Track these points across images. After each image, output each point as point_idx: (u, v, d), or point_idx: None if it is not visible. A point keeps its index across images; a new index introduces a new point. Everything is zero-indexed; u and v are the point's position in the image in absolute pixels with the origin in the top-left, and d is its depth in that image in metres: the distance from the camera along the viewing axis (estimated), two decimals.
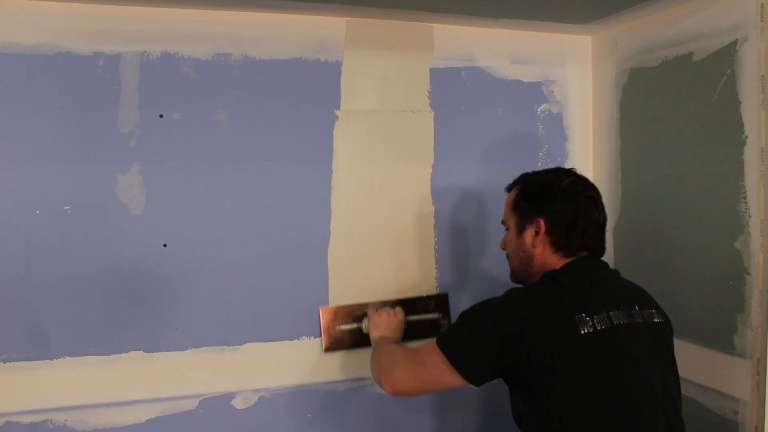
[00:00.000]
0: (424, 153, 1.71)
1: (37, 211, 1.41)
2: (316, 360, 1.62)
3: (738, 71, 1.36)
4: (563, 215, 1.26)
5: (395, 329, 1.55)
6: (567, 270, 1.25)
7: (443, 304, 1.72)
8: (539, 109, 1.82)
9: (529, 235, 1.30)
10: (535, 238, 1.29)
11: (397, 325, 1.56)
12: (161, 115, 1.49)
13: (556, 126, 1.84)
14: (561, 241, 1.27)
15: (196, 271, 1.52)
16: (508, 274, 1.40)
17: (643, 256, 1.68)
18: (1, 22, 1.38)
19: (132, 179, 1.47)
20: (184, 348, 1.51)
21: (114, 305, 1.46)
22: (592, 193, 1.31)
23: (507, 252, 1.39)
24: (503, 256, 1.42)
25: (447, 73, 1.73)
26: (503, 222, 1.41)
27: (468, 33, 1.73)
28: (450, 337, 1.23)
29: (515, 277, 1.38)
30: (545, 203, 1.28)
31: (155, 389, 1.49)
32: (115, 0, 1.43)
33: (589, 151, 1.88)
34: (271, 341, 1.58)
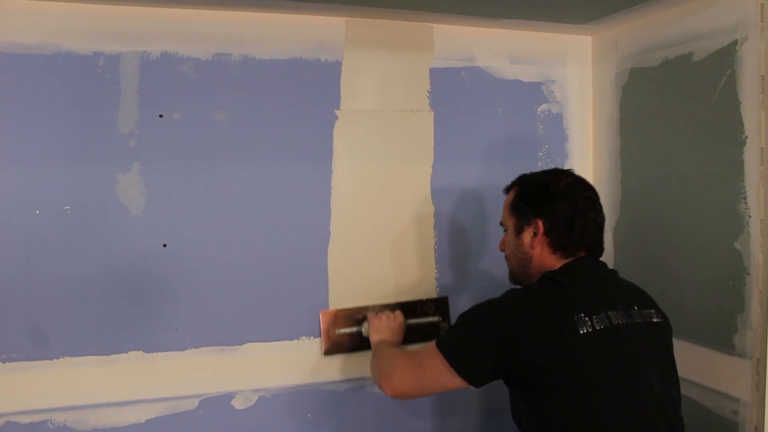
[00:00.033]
0: (424, 153, 1.71)
1: (37, 211, 1.41)
2: (316, 360, 1.62)
3: (738, 71, 1.36)
4: (561, 216, 1.27)
5: (395, 332, 1.55)
6: (565, 270, 1.25)
7: (443, 307, 1.72)
8: (539, 109, 1.82)
9: (527, 236, 1.31)
10: (534, 239, 1.29)
11: (397, 329, 1.56)
12: (161, 115, 1.49)
13: (556, 126, 1.84)
14: (559, 241, 1.27)
15: (196, 271, 1.52)
16: (507, 274, 1.41)
17: (643, 256, 1.68)
18: (1, 22, 1.38)
19: (132, 179, 1.47)
20: (183, 348, 1.51)
21: (114, 305, 1.46)
22: (589, 193, 1.31)
23: (506, 253, 1.39)
24: (503, 257, 1.42)
25: (447, 73, 1.72)
26: (502, 223, 1.41)
27: (468, 33, 1.73)
28: (449, 338, 1.23)
29: (514, 278, 1.38)
30: (543, 204, 1.29)
31: (155, 389, 1.50)
32: (115, 0, 1.43)
33: (589, 151, 1.87)
34: (271, 341, 1.58)
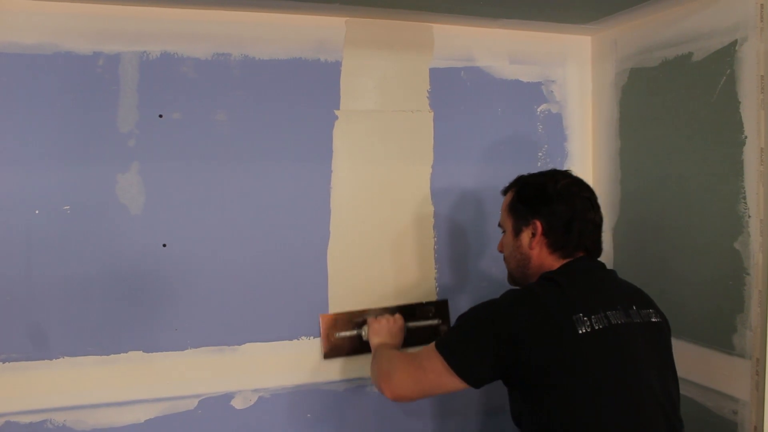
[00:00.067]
0: (423, 153, 1.71)
1: (36, 211, 1.41)
2: (316, 360, 1.62)
3: (738, 71, 1.36)
4: (559, 216, 1.27)
5: (395, 336, 1.55)
6: (564, 271, 1.25)
7: (443, 310, 1.72)
8: (539, 110, 1.82)
9: (525, 237, 1.31)
10: (532, 239, 1.29)
11: (397, 332, 1.56)
12: (161, 115, 1.49)
13: (556, 126, 1.84)
14: (558, 242, 1.28)
15: (195, 271, 1.52)
16: (506, 275, 1.41)
17: (642, 256, 1.68)
18: (1, 22, 1.38)
19: (131, 179, 1.47)
20: (183, 348, 1.51)
21: (114, 305, 1.46)
22: (587, 194, 1.31)
23: (504, 254, 1.39)
24: (502, 257, 1.41)
25: (447, 73, 1.72)
26: (500, 225, 1.41)
27: (468, 33, 1.73)
28: (449, 340, 1.23)
29: (513, 279, 1.39)
30: (541, 205, 1.29)
31: (154, 389, 1.49)
32: (115, 0, 1.43)
33: (589, 152, 1.87)
34: (271, 341, 1.58)
